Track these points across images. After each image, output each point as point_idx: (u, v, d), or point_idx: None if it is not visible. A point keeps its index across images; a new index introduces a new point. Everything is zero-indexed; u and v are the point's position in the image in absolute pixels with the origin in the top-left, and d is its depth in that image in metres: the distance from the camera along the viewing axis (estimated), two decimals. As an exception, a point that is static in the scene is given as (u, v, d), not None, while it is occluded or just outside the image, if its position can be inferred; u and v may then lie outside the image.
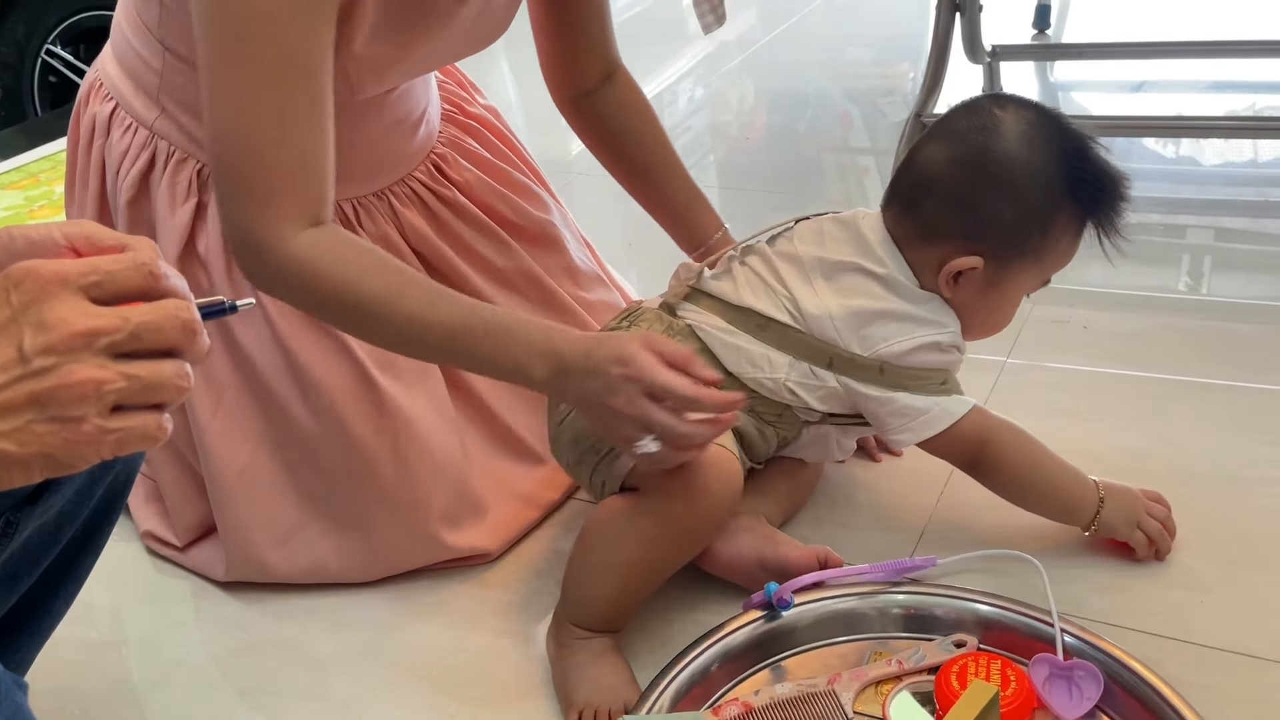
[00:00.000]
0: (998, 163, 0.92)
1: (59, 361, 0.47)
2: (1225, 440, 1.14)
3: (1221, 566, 0.98)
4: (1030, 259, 0.95)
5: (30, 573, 0.81)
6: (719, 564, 0.98)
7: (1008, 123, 0.93)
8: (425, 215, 1.11)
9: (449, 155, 1.14)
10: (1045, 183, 0.92)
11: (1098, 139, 0.95)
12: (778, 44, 2.62)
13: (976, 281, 0.95)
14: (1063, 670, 0.84)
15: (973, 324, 0.99)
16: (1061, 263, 0.97)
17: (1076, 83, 2.25)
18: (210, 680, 0.98)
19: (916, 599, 0.92)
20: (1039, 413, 1.21)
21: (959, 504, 1.09)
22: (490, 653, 0.97)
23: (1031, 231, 0.94)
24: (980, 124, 0.94)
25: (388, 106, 1.04)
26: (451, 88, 1.21)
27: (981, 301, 0.97)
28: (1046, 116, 0.95)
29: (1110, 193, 0.94)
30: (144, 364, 0.49)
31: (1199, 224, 1.66)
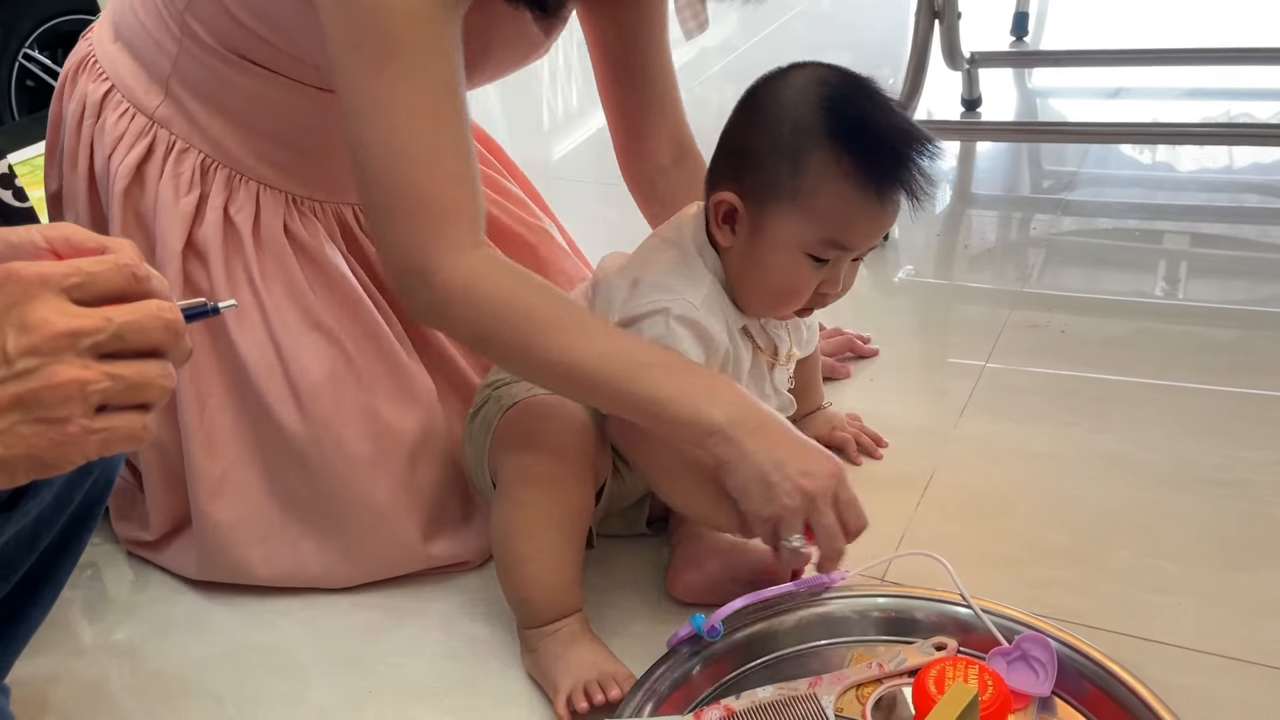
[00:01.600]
0: (760, 100, 0.91)
1: (43, 363, 0.47)
2: (1201, 444, 1.16)
3: (1197, 569, 0.99)
4: (786, 200, 0.89)
5: (7, 579, 0.80)
6: (692, 591, 0.99)
7: (793, 73, 0.91)
8: None
9: None
10: (797, 118, 0.88)
11: (902, 107, 0.92)
12: (758, 50, 2.64)
13: (744, 227, 0.92)
14: (1014, 653, 0.84)
15: (744, 282, 0.94)
16: (831, 216, 0.88)
17: (1054, 89, 2.27)
18: (188, 687, 0.97)
19: (897, 602, 0.92)
20: (1017, 417, 1.22)
21: (938, 507, 1.10)
22: (472, 660, 0.97)
23: (782, 168, 0.88)
24: (770, 75, 0.92)
25: None
26: None
27: (750, 251, 0.92)
28: (840, 75, 0.90)
29: (876, 138, 0.87)
30: (128, 364, 0.49)
31: (1175, 229, 1.67)
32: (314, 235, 1.04)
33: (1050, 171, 1.92)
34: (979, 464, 1.16)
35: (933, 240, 1.69)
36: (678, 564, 1.00)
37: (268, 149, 1.01)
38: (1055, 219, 1.71)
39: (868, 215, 0.89)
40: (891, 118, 0.89)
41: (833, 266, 0.92)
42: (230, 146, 1.01)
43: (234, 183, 1.02)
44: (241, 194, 1.02)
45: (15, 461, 0.48)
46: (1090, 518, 1.06)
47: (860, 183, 0.87)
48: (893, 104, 0.90)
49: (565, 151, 2.14)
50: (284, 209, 1.03)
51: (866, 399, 1.29)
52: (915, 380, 1.33)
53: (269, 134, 1.00)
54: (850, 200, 0.88)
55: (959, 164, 1.97)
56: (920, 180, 0.89)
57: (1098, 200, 1.77)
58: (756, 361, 1.00)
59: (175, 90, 0.99)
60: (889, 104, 0.90)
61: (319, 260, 1.04)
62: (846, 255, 0.92)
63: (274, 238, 1.02)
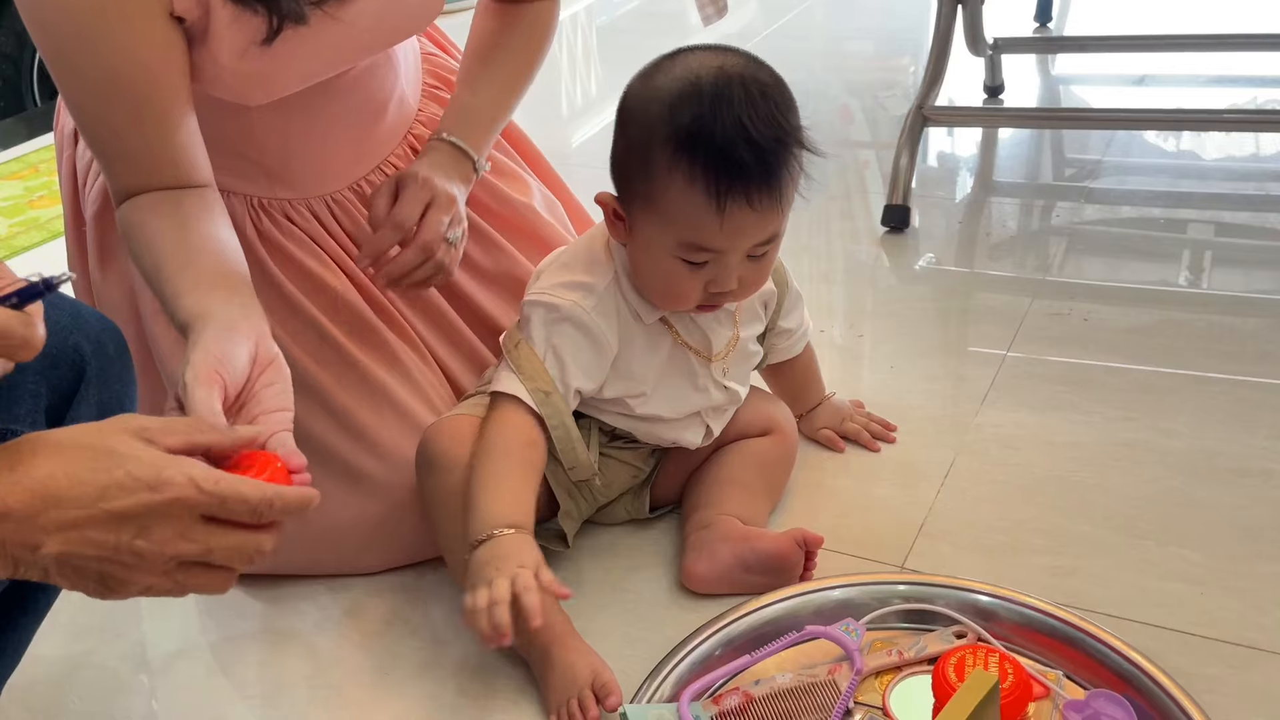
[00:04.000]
0: (627, 94, 0.90)
1: (136, 563, 0.56)
2: (1225, 433, 1.15)
3: (1221, 559, 0.98)
4: (642, 203, 0.87)
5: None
6: (704, 582, 0.98)
7: (667, 64, 0.88)
8: None
9: (426, 137, 1.10)
10: (648, 119, 0.85)
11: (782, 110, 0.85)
12: (778, 36, 2.62)
13: (626, 227, 0.91)
14: (1086, 709, 0.81)
15: (637, 279, 0.93)
16: (681, 221, 0.85)
17: (1078, 76, 2.24)
18: (209, 669, 0.98)
19: (918, 590, 0.92)
20: (1038, 406, 1.22)
21: (959, 496, 1.09)
22: (490, 642, 0.97)
23: (635, 169, 0.87)
24: (652, 62, 0.90)
25: (341, 91, 1.02)
26: (440, 59, 1.18)
27: (634, 253, 0.92)
28: (715, 65, 0.85)
29: (711, 142, 0.82)
30: (194, 577, 0.59)
31: (1200, 218, 1.66)
32: (287, 237, 1.04)
33: (1073, 159, 1.90)
34: (1000, 452, 1.15)
35: (954, 228, 1.68)
36: (690, 555, 1.00)
37: (215, 157, 1.00)
38: (1078, 207, 1.70)
39: (716, 221, 0.85)
40: (746, 116, 0.83)
41: (714, 267, 0.88)
42: None
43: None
44: None
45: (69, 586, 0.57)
46: (1112, 507, 1.06)
47: (700, 189, 0.84)
48: (763, 98, 0.84)
49: (582, 140, 2.14)
50: (249, 213, 1.03)
51: (888, 387, 1.28)
52: (936, 368, 1.32)
53: (211, 143, 1.00)
54: (696, 206, 0.84)
55: (980, 151, 1.96)
56: (764, 189, 0.84)
57: (1121, 188, 1.75)
58: (681, 355, 0.98)
59: None
60: (754, 99, 0.84)
61: (295, 261, 1.03)
62: (721, 257, 0.87)
63: (246, 242, 1.01)
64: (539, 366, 0.92)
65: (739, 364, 1.03)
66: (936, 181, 1.83)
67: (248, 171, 1.03)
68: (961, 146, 1.98)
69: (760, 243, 0.88)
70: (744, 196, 0.84)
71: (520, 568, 0.80)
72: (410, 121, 1.12)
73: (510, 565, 0.80)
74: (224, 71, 0.90)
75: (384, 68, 1.07)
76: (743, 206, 0.84)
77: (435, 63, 1.18)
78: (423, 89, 1.15)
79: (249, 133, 1.00)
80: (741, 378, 1.04)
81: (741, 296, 0.94)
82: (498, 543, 0.83)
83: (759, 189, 0.84)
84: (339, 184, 1.06)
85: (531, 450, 0.92)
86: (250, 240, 1.03)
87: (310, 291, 1.03)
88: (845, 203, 1.80)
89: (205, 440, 0.61)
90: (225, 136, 1.00)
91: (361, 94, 1.05)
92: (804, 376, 1.16)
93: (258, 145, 1.01)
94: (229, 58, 0.89)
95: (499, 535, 0.83)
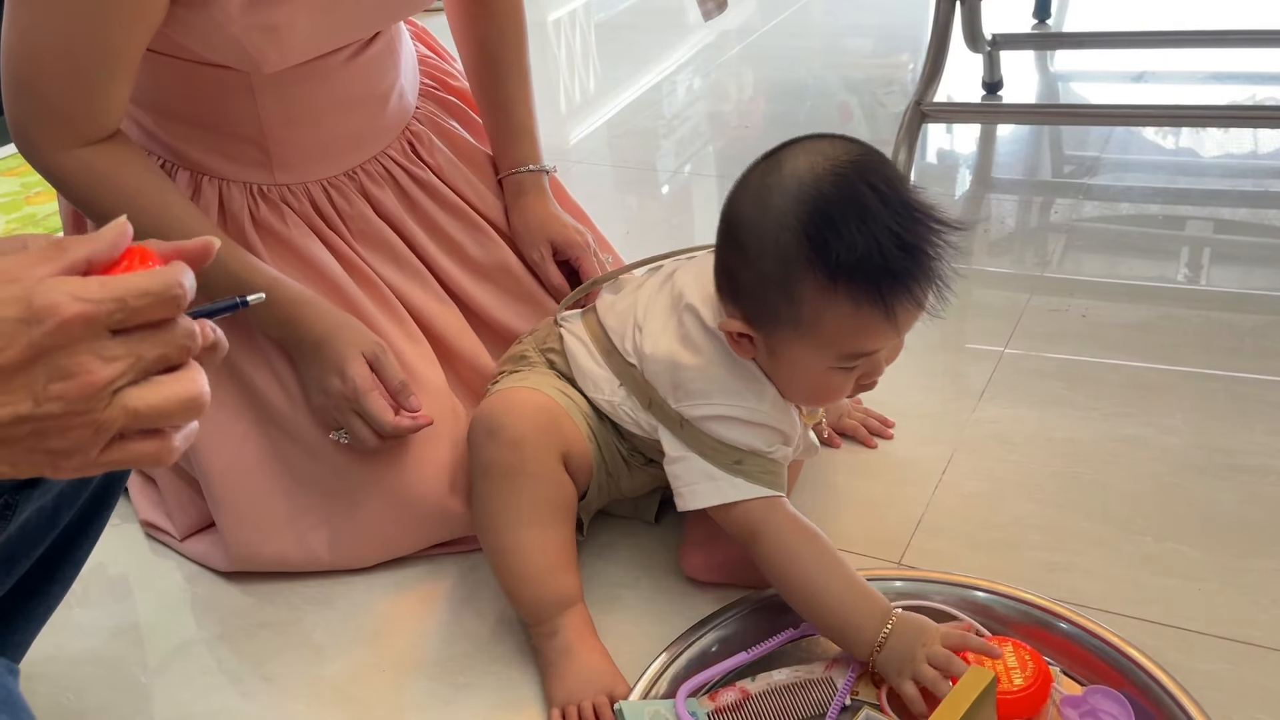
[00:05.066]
0: (734, 220, 0.84)
1: (67, 409, 0.46)
2: (1224, 429, 1.14)
3: (1219, 554, 0.98)
4: (790, 329, 0.82)
5: (28, 555, 0.81)
6: (706, 570, 0.98)
7: (775, 175, 0.81)
8: (399, 195, 1.10)
9: (424, 134, 1.13)
10: (781, 245, 0.80)
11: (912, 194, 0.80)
12: (777, 33, 2.62)
13: (760, 347, 0.86)
14: (1083, 705, 0.81)
15: (786, 392, 0.89)
16: (842, 338, 0.82)
17: (1076, 73, 2.24)
18: (206, 665, 0.98)
19: (916, 586, 0.92)
20: (1036, 402, 1.22)
21: (956, 492, 1.09)
22: (489, 638, 0.97)
23: (776, 299, 0.81)
24: (749, 175, 0.84)
25: (345, 77, 1.03)
26: (435, 62, 1.20)
27: (776, 370, 0.87)
28: (831, 169, 0.79)
29: (868, 262, 0.78)
30: (151, 399, 0.48)
31: (1198, 215, 1.66)
32: (284, 222, 1.04)
33: (1072, 156, 1.90)
34: (997, 448, 1.15)
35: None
36: (690, 542, 1.00)
37: (217, 143, 1.01)
38: (1077, 203, 1.69)
39: (880, 330, 0.82)
40: (893, 223, 0.78)
41: (867, 361, 0.85)
42: (183, 148, 1.03)
43: (197, 181, 1.03)
44: (206, 192, 1.03)
45: (20, 473, 0.48)
46: (1109, 503, 1.06)
47: (868, 309, 0.79)
48: (896, 195, 0.79)
49: (581, 136, 2.13)
50: (248, 201, 1.04)
51: (885, 382, 1.27)
52: (934, 364, 1.32)
53: (213, 128, 1.00)
54: (858, 321, 0.80)
55: (979, 148, 1.96)
56: (925, 282, 0.80)
57: (1120, 185, 1.75)
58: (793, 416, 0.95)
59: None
60: (889, 198, 0.79)
61: (293, 247, 1.04)
62: (875, 355, 0.85)
63: (241, 230, 1.03)
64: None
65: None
66: (935, 177, 1.83)
67: (249, 157, 1.03)
68: (960, 143, 1.97)
69: (902, 335, 0.85)
70: (909, 297, 0.80)
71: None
72: (408, 117, 1.13)
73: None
74: (234, 24, 0.90)
75: (386, 59, 1.07)
76: (909, 306, 0.81)
77: (430, 64, 1.20)
78: (420, 88, 1.15)
79: (253, 113, 1.01)
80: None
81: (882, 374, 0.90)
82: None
83: (921, 285, 0.80)
84: (336, 169, 1.07)
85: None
86: (245, 230, 1.03)
87: (308, 277, 1.04)
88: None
89: (76, 254, 0.48)
90: (229, 118, 1.00)
91: (364, 82, 1.06)
92: None
93: (262, 129, 1.02)
94: (238, 8, 0.89)
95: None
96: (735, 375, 0.88)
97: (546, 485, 0.92)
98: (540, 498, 0.92)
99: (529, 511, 0.91)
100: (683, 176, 1.93)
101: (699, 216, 1.78)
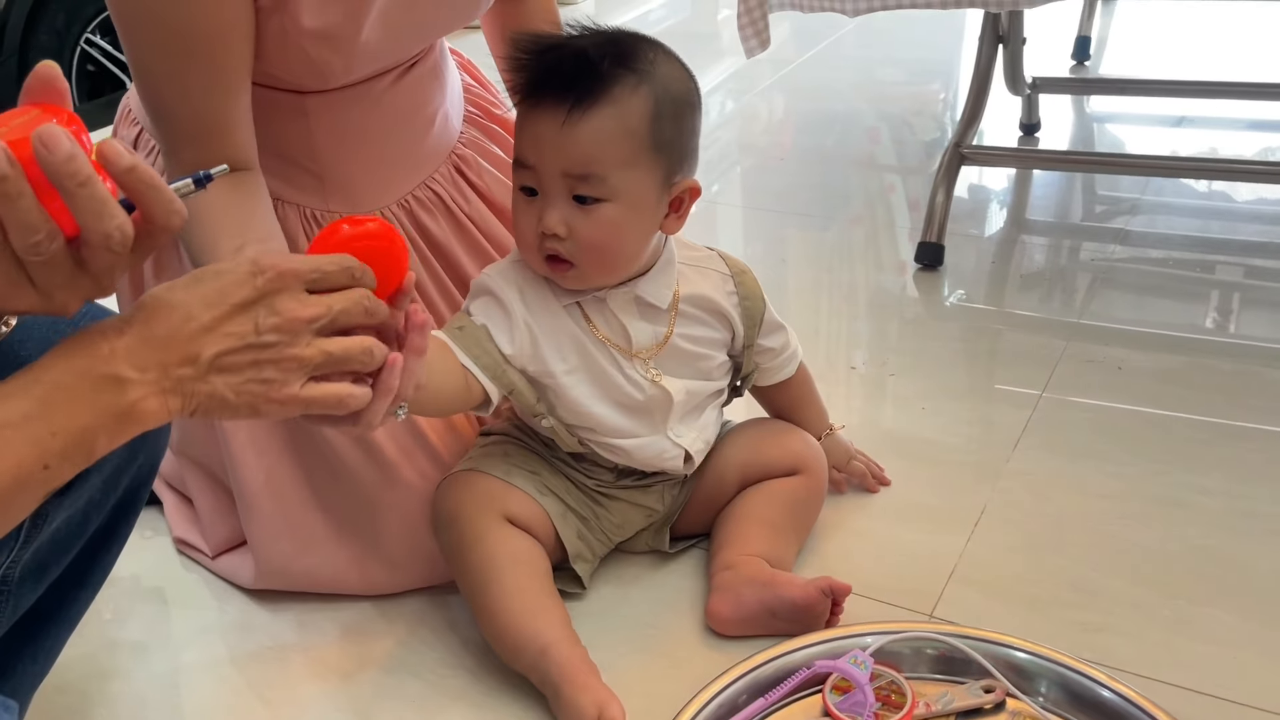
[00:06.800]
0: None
1: (278, 344, 0.62)
2: (1262, 490, 1.13)
3: (1255, 622, 0.97)
4: None
5: (59, 562, 0.82)
6: (730, 624, 0.98)
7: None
8: (449, 220, 1.11)
9: (470, 157, 1.14)
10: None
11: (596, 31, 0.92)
12: (811, 64, 2.62)
13: None
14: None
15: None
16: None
17: (1114, 114, 2.23)
18: (234, 685, 0.98)
19: (950, 641, 0.91)
20: (1070, 454, 1.21)
21: (989, 544, 1.08)
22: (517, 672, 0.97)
23: None
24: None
25: (393, 99, 1.04)
26: (478, 91, 1.22)
27: None
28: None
29: (527, 56, 0.91)
30: (338, 341, 0.65)
31: (1233, 262, 1.65)
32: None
33: (1106, 197, 1.90)
34: (1031, 501, 1.14)
35: (985, 266, 1.67)
36: (716, 597, 0.99)
37: (274, 164, 1.00)
38: (1112, 248, 1.69)
39: (523, 122, 0.90)
40: (559, 38, 0.91)
41: (540, 200, 0.90)
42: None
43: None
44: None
45: (239, 408, 0.62)
46: (1144, 563, 1.05)
47: (519, 98, 0.90)
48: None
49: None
50: (303, 224, 1.05)
51: (919, 425, 1.28)
52: (968, 410, 1.31)
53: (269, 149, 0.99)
54: (519, 118, 0.91)
55: (1014, 187, 1.95)
56: (553, 75, 0.88)
57: (1155, 231, 1.74)
58: (598, 345, 0.97)
59: None
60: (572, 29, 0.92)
61: None
62: (534, 176, 0.90)
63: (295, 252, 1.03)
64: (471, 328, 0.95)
65: (674, 364, 0.99)
66: (968, 216, 1.82)
67: (303, 181, 1.04)
68: (994, 180, 1.97)
69: (575, 174, 0.88)
70: (545, 89, 0.88)
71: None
72: (453, 142, 1.14)
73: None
74: (304, 36, 0.91)
75: (431, 81, 1.09)
76: (549, 102, 0.87)
77: (475, 93, 1.21)
78: (464, 114, 1.16)
79: (308, 137, 1.02)
80: (686, 376, 1.00)
81: (584, 259, 0.91)
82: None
83: (552, 79, 0.88)
84: (388, 197, 1.08)
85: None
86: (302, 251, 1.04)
87: None
88: (870, 226, 1.80)
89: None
90: (285, 141, 1.01)
91: (411, 103, 1.07)
92: (800, 402, 1.13)
93: (314, 152, 1.03)
94: (309, 15, 0.90)
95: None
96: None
97: (492, 545, 0.95)
98: (489, 556, 0.94)
99: (482, 573, 0.94)
100: (709, 193, 1.94)
101: (722, 238, 1.78)
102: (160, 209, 0.56)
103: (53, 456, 0.56)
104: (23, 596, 0.80)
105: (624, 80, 0.88)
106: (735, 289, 1.02)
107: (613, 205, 0.89)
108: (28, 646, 0.85)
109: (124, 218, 0.55)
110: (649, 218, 0.92)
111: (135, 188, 0.55)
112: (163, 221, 0.56)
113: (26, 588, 0.80)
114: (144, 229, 0.56)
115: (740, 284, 1.02)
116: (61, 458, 0.56)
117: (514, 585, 0.93)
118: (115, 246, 0.54)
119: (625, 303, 0.96)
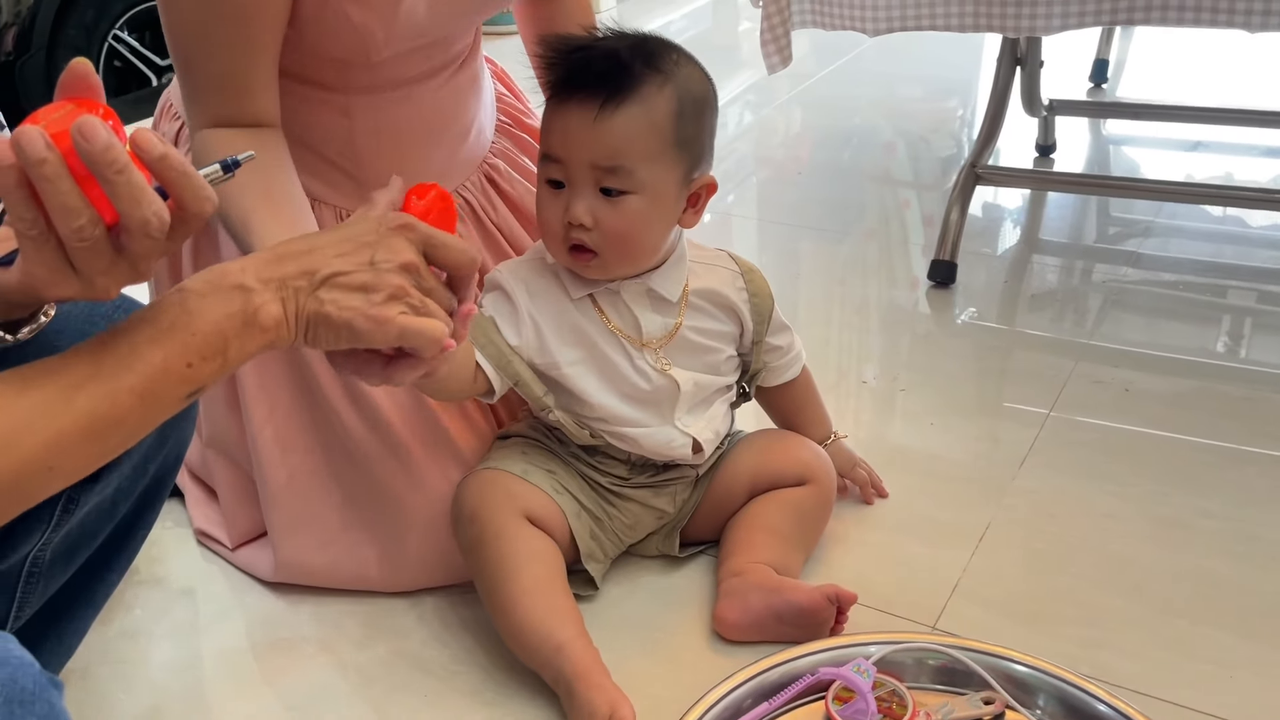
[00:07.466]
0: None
1: (389, 272, 0.69)
2: (1265, 514, 1.15)
3: (1254, 642, 0.99)
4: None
5: (88, 546, 0.85)
6: (737, 629, 1.00)
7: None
8: (478, 229, 1.13)
9: (500, 166, 1.16)
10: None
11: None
12: (830, 79, 2.64)
13: None
14: None
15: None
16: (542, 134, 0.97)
17: (1130, 137, 2.25)
18: (249, 676, 1.00)
19: (951, 653, 0.93)
20: (1076, 473, 1.22)
21: (993, 559, 1.10)
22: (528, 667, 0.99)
23: None
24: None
25: (433, 104, 1.06)
26: (510, 100, 1.24)
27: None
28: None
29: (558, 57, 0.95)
30: (432, 305, 0.72)
31: (1246, 287, 1.66)
32: None
33: (1119, 218, 1.91)
34: (1036, 518, 1.16)
35: (997, 284, 1.69)
36: (723, 602, 1.01)
37: (311, 161, 1.02)
38: (1124, 271, 1.70)
39: (553, 117, 0.94)
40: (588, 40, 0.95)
41: (567, 192, 0.94)
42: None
43: None
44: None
45: (339, 327, 0.68)
46: (1147, 582, 1.06)
47: (550, 94, 0.95)
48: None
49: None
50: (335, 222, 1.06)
51: (927, 441, 1.30)
52: (976, 426, 1.33)
53: (307, 145, 1.02)
54: (547, 114, 0.95)
55: (1028, 207, 1.97)
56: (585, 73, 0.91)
57: (1167, 254, 1.76)
58: (614, 337, 1.00)
59: None
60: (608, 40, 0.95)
61: None
62: (562, 170, 0.93)
63: None
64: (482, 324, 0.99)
65: (683, 355, 1.02)
66: (981, 234, 1.84)
67: (341, 183, 1.06)
68: (1008, 199, 1.98)
69: (604, 166, 0.91)
70: (573, 84, 0.92)
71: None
72: (485, 152, 1.16)
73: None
74: (348, 3, 0.92)
75: (470, 91, 1.11)
76: (576, 98, 0.91)
77: (506, 101, 1.22)
78: (496, 124, 1.18)
79: (350, 139, 1.03)
80: (694, 369, 1.03)
81: (608, 249, 0.95)
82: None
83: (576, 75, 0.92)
84: None
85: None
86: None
87: None
88: (884, 241, 1.82)
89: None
90: (327, 142, 1.03)
91: (450, 111, 1.09)
92: (804, 404, 1.15)
93: (354, 153, 1.05)
94: None
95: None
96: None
97: (510, 542, 0.96)
98: (507, 553, 0.96)
99: (499, 570, 0.96)
100: (724, 204, 1.96)
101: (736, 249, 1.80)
102: (191, 195, 0.58)
103: (193, 354, 0.62)
104: (53, 579, 0.82)
105: (651, 79, 0.92)
106: (745, 285, 1.05)
107: (637, 197, 0.93)
108: (53, 628, 0.87)
109: (160, 204, 0.57)
110: (669, 211, 0.96)
111: (167, 175, 0.58)
112: (194, 208, 0.59)
113: (56, 570, 0.82)
114: (177, 215, 0.59)
115: (749, 281, 1.06)
116: (201, 357, 0.62)
117: (531, 583, 0.95)
118: (153, 232, 0.57)
119: (638, 294, 1.00)
